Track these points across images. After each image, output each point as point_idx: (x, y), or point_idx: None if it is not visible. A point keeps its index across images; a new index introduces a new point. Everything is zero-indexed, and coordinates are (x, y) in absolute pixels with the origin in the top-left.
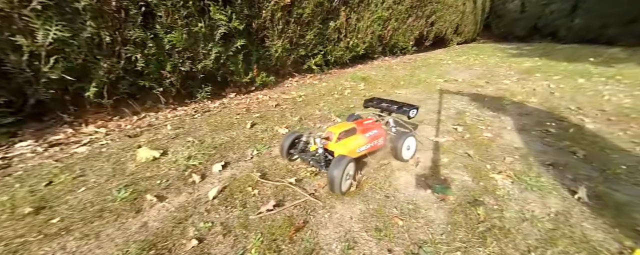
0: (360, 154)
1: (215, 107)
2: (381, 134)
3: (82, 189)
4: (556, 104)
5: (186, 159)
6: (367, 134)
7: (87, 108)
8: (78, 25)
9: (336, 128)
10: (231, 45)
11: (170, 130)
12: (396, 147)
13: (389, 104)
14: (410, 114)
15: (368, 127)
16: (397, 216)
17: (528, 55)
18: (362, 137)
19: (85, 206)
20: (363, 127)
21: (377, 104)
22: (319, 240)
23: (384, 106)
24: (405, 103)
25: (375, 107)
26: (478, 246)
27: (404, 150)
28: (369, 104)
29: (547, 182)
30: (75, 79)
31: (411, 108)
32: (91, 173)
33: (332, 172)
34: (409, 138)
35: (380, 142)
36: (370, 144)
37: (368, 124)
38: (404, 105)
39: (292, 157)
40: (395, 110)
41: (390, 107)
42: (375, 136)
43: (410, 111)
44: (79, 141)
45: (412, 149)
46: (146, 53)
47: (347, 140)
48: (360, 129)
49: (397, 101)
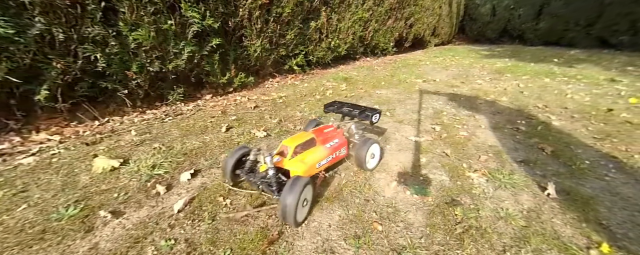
0: (321, 169)
1: (189, 109)
2: (343, 143)
3: (23, 207)
4: (525, 103)
5: (150, 168)
6: (328, 145)
7: (37, 113)
8: (25, 21)
9: (291, 141)
10: (206, 44)
11: (134, 136)
12: (360, 156)
13: (350, 108)
14: (373, 119)
15: (328, 136)
16: (376, 221)
17: (499, 57)
18: (323, 149)
19: (23, 227)
20: (323, 136)
21: (338, 108)
22: (295, 253)
23: (345, 111)
24: (367, 107)
25: (336, 112)
26: (456, 248)
27: (368, 159)
28: (329, 108)
29: (519, 179)
30: (22, 81)
31: (374, 112)
32: (36, 188)
33: (285, 200)
34: (373, 145)
35: (342, 152)
36: (331, 156)
37: (328, 133)
38: (367, 109)
39: (238, 179)
40: (357, 115)
41: (352, 111)
42: (337, 146)
43: (373, 116)
44: (27, 151)
45: (376, 156)
46: (108, 52)
47: (305, 155)
48: (319, 139)
49: (359, 105)
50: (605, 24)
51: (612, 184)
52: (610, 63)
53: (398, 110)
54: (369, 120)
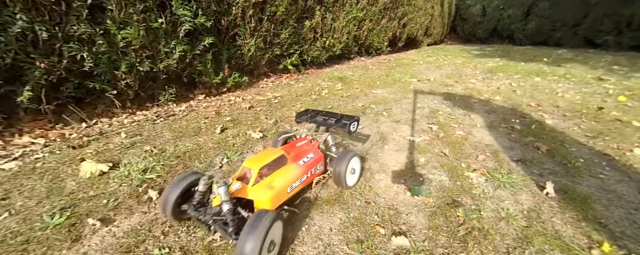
0: (293, 193)
1: (181, 110)
2: (319, 158)
3: (4, 216)
4: (518, 102)
5: (141, 172)
6: (301, 162)
7: (20, 115)
8: (5, 18)
9: (255, 161)
10: (198, 43)
11: (124, 139)
12: (339, 172)
13: (325, 116)
14: (351, 128)
15: (301, 151)
16: (378, 224)
17: (490, 56)
18: (295, 168)
19: (4, 238)
20: (295, 151)
21: (312, 117)
22: None
23: (319, 120)
24: (344, 114)
25: (310, 121)
26: (460, 251)
27: (348, 175)
28: (302, 118)
29: (517, 179)
30: (2, 82)
31: (352, 120)
32: (18, 195)
33: (244, 245)
34: (353, 159)
35: (318, 168)
36: (306, 176)
37: (301, 147)
38: (343, 117)
39: (183, 216)
40: (333, 124)
41: (328, 120)
42: (312, 162)
43: (351, 124)
44: (8, 155)
45: (357, 171)
46: (95, 51)
47: (273, 177)
48: (291, 156)
49: (334, 113)
50: (591, 24)
51: (607, 182)
52: (597, 62)
53: (395, 110)
54: (346, 129)
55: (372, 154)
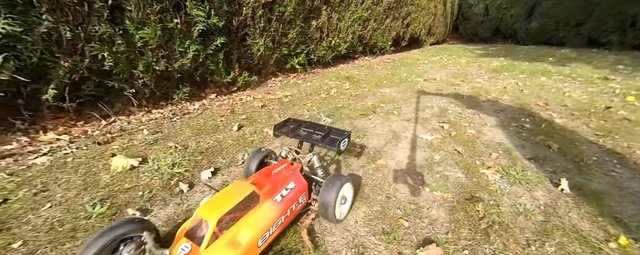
0: (266, 244)
1: (195, 109)
2: (302, 187)
3: (47, 206)
4: (526, 101)
5: (170, 166)
6: (278, 197)
7: (44, 113)
8: (32, 18)
9: (214, 208)
10: (210, 43)
11: (147, 136)
12: (327, 203)
13: (309, 129)
14: (341, 146)
15: (279, 180)
16: (401, 217)
17: (493, 56)
18: (270, 208)
19: (53, 226)
20: (270, 183)
21: (293, 130)
22: (327, 248)
23: (302, 134)
24: (332, 127)
25: (291, 135)
26: (483, 243)
27: (337, 206)
28: (281, 130)
29: (532, 176)
30: (29, 80)
31: (342, 136)
32: (56, 187)
33: None
34: (345, 186)
35: (301, 201)
36: (284, 215)
37: (279, 175)
38: (332, 130)
39: None
40: (320, 140)
41: (313, 134)
42: (294, 194)
43: (342, 142)
44: (37, 151)
45: (348, 200)
46: (115, 51)
47: (238, 229)
48: (265, 190)
49: (320, 125)
50: (595, 23)
51: (619, 180)
52: (601, 62)
53: (404, 109)
54: (335, 148)
55: (387, 152)
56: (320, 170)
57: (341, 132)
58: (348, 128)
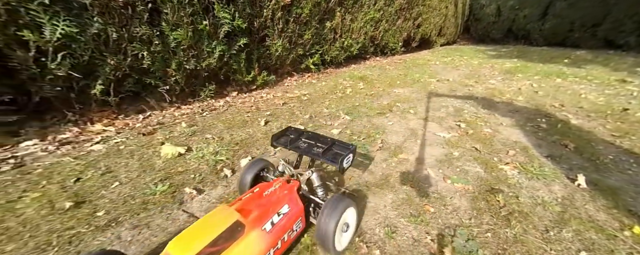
0: None
1: (221, 105)
2: (298, 211)
3: (116, 184)
4: (541, 102)
5: (213, 154)
6: (267, 225)
7: (92, 106)
8: (85, 21)
9: (188, 243)
10: (234, 43)
11: (185, 128)
12: (325, 231)
13: (310, 140)
14: (344, 164)
15: (271, 203)
16: (426, 204)
17: (506, 57)
18: (258, 239)
19: (126, 200)
20: (259, 207)
21: (293, 142)
22: (362, 226)
23: (302, 147)
24: (336, 140)
25: (290, 147)
26: (504, 227)
27: (337, 234)
28: (280, 141)
29: (549, 172)
30: (81, 76)
31: (346, 151)
32: (119, 169)
33: None
34: (348, 210)
35: (296, 228)
36: (274, 249)
37: (272, 195)
38: (335, 143)
39: None
40: (320, 155)
41: (313, 148)
42: (287, 221)
43: (345, 158)
44: (90, 139)
45: (351, 227)
46: (152, 50)
47: None
48: (252, 217)
49: (323, 136)
50: (611, 24)
51: (635, 178)
52: (618, 64)
53: (420, 108)
54: (337, 166)
55: (407, 147)
56: (320, 189)
57: (346, 146)
58: (366, 125)
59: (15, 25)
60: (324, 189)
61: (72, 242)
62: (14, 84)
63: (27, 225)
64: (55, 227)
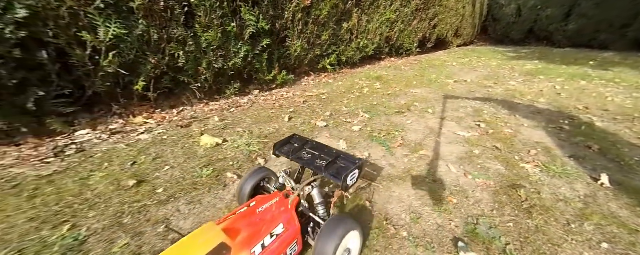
0: None
1: (245, 102)
2: (293, 233)
3: (167, 168)
4: (564, 104)
5: (246, 145)
6: (257, 247)
7: (134, 101)
8: (132, 23)
9: None
10: (258, 44)
11: (217, 122)
12: None
13: (315, 151)
14: (348, 181)
15: (263, 223)
16: (449, 196)
17: (527, 58)
18: None
19: (178, 181)
20: (250, 225)
21: (296, 152)
22: (388, 212)
23: (306, 158)
24: (342, 153)
25: (292, 158)
26: (526, 219)
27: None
28: (282, 150)
29: (571, 171)
30: (127, 73)
31: (352, 166)
32: (167, 156)
33: None
34: (350, 234)
35: (291, 252)
36: None
37: (266, 213)
38: (340, 156)
39: None
40: (322, 170)
41: (316, 161)
42: (280, 244)
43: (350, 174)
44: (135, 130)
45: (354, 252)
46: (186, 50)
47: None
48: (240, 239)
49: (327, 146)
50: None
51: None
52: None
53: (438, 108)
54: (340, 183)
55: (427, 145)
56: (321, 207)
57: (352, 160)
58: (385, 124)
59: (76, 27)
60: (325, 207)
61: (141, 212)
62: (72, 79)
63: (101, 198)
64: (124, 200)
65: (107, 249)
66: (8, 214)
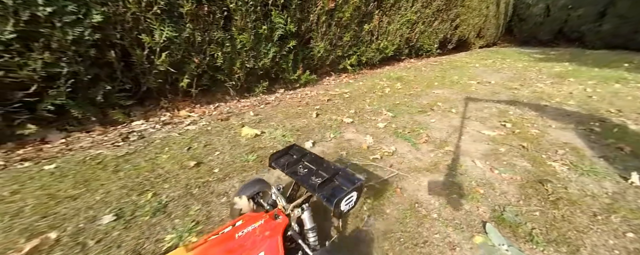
0: None
1: (273, 100)
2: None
3: (217, 153)
4: (596, 107)
5: (282, 136)
6: None
7: (178, 96)
8: (181, 26)
9: None
10: (285, 45)
11: (252, 116)
12: None
13: (312, 166)
14: (342, 206)
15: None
16: (476, 187)
17: (556, 60)
18: None
19: (229, 163)
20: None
21: (291, 165)
22: (418, 198)
23: (301, 173)
24: (341, 169)
25: (287, 172)
26: (552, 209)
27: None
28: (279, 162)
29: (600, 170)
30: (175, 71)
31: (350, 186)
32: (215, 143)
33: None
34: None
35: None
36: None
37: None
38: (339, 173)
39: None
40: (315, 188)
41: (311, 178)
42: None
43: (345, 198)
44: (182, 122)
45: None
46: (224, 51)
47: None
48: None
49: (326, 161)
50: None
51: None
52: None
53: (461, 108)
54: (332, 207)
55: (451, 142)
56: (312, 234)
57: (351, 179)
58: (409, 122)
59: (137, 30)
60: (316, 234)
61: (205, 186)
62: (131, 76)
63: (170, 174)
64: (189, 176)
65: (184, 212)
66: (102, 182)
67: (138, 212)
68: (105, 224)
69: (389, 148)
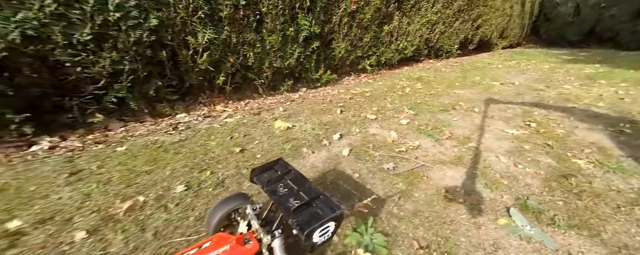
0: None
1: (297, 98)
2: None
3: (256, 142)
4: (627, 109)
5: (312, 129)
6: None
7: (214, 93)
8: (219, 29)
9: None
10: (309, 46)
11: (281, 112)
12: None
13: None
14: (314, 238)
15: None
16: (500, 178)
17: (585, 62)
18: None
19: (268, 151)
20: None
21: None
22: (444, 185)
23: (279, 193)
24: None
25: (266, 190)
26: (576, 200)
27: None
28: (261, 178)
29: (628, 168)
30: (214, 70)
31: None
32: (252, 134)
33: None
34: None
35: None
36: None
37: None
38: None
39: None
40: (290, 213)
41: (289, 200)
42: None
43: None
44: (219, 115)
45: None
46: (255, 52)
47: None
48: None
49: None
50: None
51: None
52: None
53: (484, 108)
54: (302, 235)
55: (474, 139)
56: None
57: (331, 205)
58: (431, 120)
59: (184, 32)
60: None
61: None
62: (177, 73)
63: (221, 157)
64: (238, 159)
65: (239, 187)
66: (167, 162)
67: (203, 185)
68: (178, 192)
69: (413, 142)
